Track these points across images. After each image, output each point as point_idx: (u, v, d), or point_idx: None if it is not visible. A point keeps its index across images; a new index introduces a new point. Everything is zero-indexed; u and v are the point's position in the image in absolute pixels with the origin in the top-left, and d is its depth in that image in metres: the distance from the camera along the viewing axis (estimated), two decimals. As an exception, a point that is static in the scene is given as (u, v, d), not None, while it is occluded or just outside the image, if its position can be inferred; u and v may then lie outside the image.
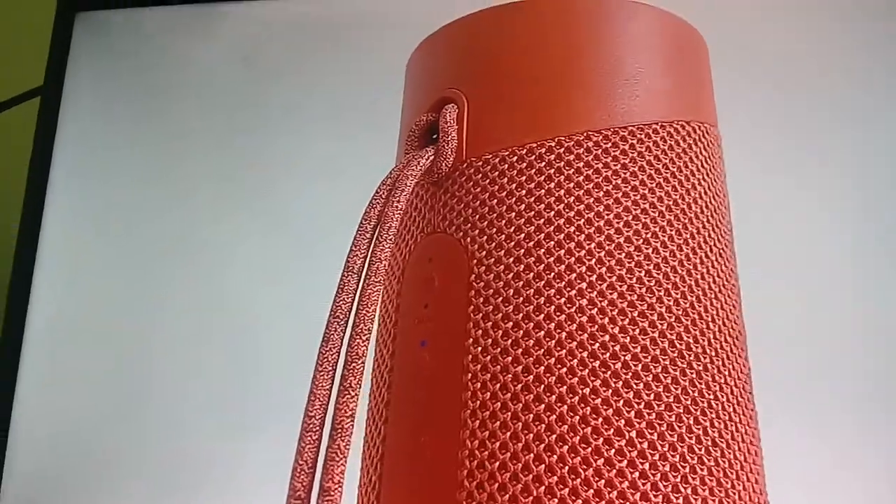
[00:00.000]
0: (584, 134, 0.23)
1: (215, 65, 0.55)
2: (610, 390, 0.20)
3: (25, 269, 0.48)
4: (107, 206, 0.54)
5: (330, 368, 0.19)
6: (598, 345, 0.21)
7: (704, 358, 0.22)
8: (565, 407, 0.20)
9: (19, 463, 0.44)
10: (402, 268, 0.25)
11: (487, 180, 0.24)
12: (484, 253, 0.23)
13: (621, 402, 0.20)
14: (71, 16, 0.55)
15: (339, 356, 0.19)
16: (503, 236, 0.23)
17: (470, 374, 0.21)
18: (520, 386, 0.21)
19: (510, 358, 0.21)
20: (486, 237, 0.23)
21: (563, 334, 0.21)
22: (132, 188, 0.54)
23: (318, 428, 0.18)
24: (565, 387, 0.20)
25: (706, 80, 0.28)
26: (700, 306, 0.22)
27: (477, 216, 0.23)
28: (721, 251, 0.25)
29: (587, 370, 0.21)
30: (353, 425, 0.18)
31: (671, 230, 0.23)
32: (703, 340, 0.22)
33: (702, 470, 0.20)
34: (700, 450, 0.20)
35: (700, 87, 0.27)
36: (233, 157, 0.54)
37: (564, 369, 0.21)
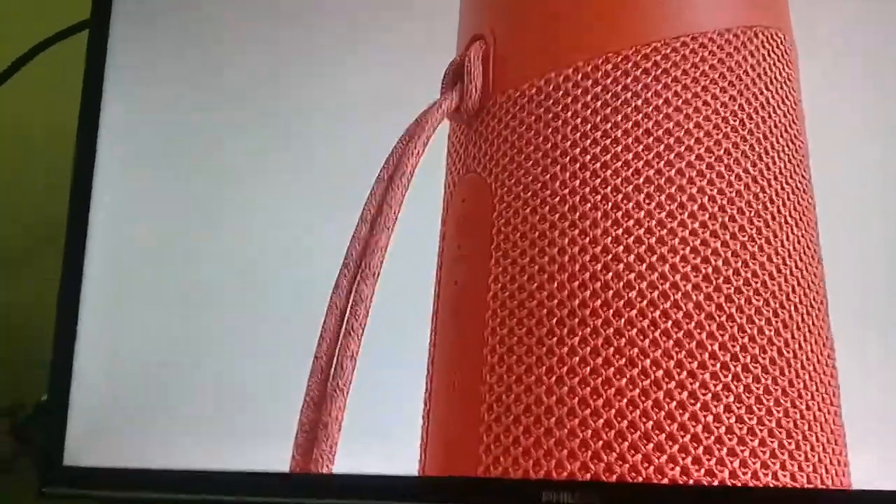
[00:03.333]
0: (603, 57, 0.22)
1: None
2: (609, 313, 0.20)
3: (82, 205, 0.50)
4: (162, 138, 0.54)
5: (338, 312, 0.20)
6: (610, 275, 0.20)
7: (767, 290, 0.20)
8: (577, 339, 0.20)
9: (83, 410, 0.46)
10: (446, 210, 0.26)
11: (510, 116, 0.24)
12: (505, 190, 0.23)
13: (634, 332, 0.20)
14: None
15: (347, 301, 0.20)
16: (522, 172, 0.23)
17: (490, 311, 0.22)
18: (534, 320, 0.21)
19: (525, 293, 0.21)
20: (507, 174, 0.23)
21: (577, 266, 0.21)
22: (188, 119, 0.54)
23: (325, 367, 0.19)
24: (577, 319, 0.20)
25: None
26: (774, 227, 0.21)
27: (500, 153, 0.23)
28: (794, 170, 0.23)
29: (599, 301, 0.20)
30: (353, 365, 0.19)
31: (707, 153, 0.22)
32: (771, 266, 0.21)
33: (780, 407, 0.19)
34: (782, 382, 0.20)
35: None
36: (282, 86, 0.53)
37: (577, 301, 0.20)
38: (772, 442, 0.19)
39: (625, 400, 0.19)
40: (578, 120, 0.22)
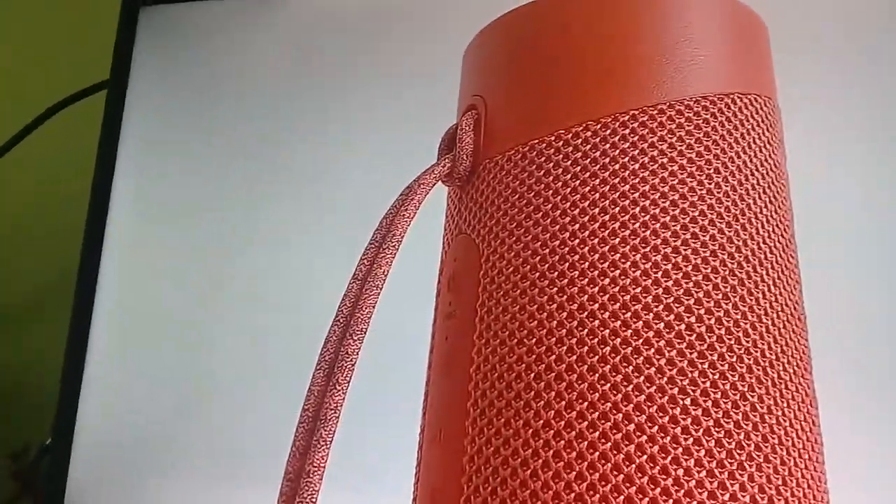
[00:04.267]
0: (584, 125, 0.24)
1: (276, 55, 0.56)
2: (584, 369, 0.21)
3: (92, 260, 0.51)
4: (172, 197, 0.56)
5: (326, 367, 0.21)
6: (585, 331, 0.21)
7: (756, 349, 0.21)
8: (552, 393, 0.21)
9: (84, 455, 0.47)
10: (441, 269, 0.27)
11: (497, 181, 0.25)
12: (491, 250, 0.24)
13: (608, 387, 0.21)
14: (135, 10, 0.58)
15: (336, 356, 0.21)
16: (506, 233, 0.24)
17: (474, 366, 0.23)
18: (513, 375, 0.22)
19: (507, 348, 0.22)
20: (493, 235, 0.24)
21: (554, 322, 0.22)
22: (196, 179, 0.56)
23: (311, 420, 0.20)
24: (552, 374, 0.21)
25: (768, 62, 0.27)
26: (755, 287, 0.22)
27: (487, 216, 0.25)
28: (773, 229, 0.24)
29: (575, 356, 0.21)
30: (336, 417, 0.20)
31: (682, 215, 0.23)
32: (754, 325, 0.21)
33: (753, 461, 0.20)
34: (755, 437, 0.20)
35: (756, 63, 0.27)
36: (294, 147, 0.55)
37: (553, 356, 0.21)
38: (743, 496, 0.20)
39: (597, 453, 0.20)
40: (559, 184, 0.23)
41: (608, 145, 0.23)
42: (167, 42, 0.59)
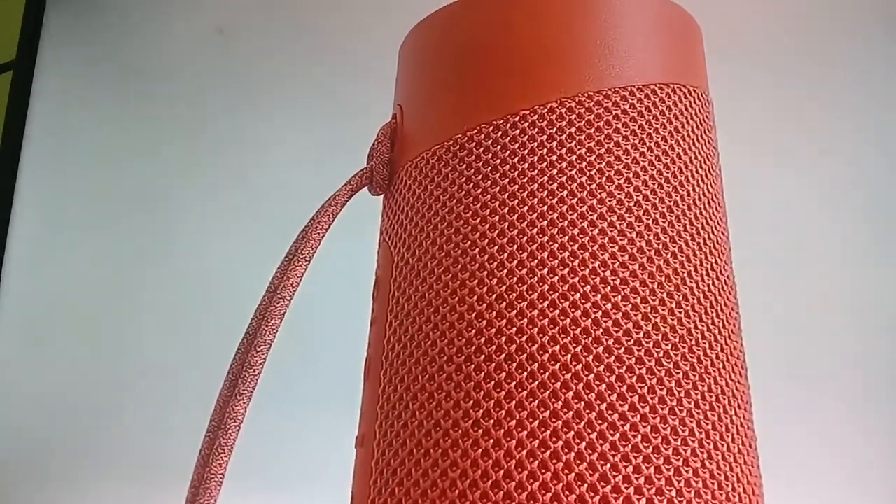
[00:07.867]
0: (477, 128, 0.24)
1: (191, 37, 0.53)
2: (483, 375, 0.21)
3: None
4: (80, 184, 0.53)
5: (232, 377, 0.22)
6: (483, 340, 0.22)
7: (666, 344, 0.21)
8: (443, 394, 0.22)
9: None
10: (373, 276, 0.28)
11: (406, 187, 0.26)
12: (399, 256, 0.25)
13: (490, 385, 0.21)
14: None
15: (241, 367, 0.23)
16: (412, 239, 0.24)
17: (382, 370, 0.24)
18: (410, 378, 0.22)
19: (407, 352, 0.23)
20: (402, 241, 0.25)
21: (446, 326, 0.22)
22: (106, 165, 0.53)
23: (215, 429, 0.22)
24: (444, 375, 0.22)
25: (699, 58, 0.27)
26: (682, 283, 0.22)
27: (398, 222, 0.25)
28: (707, 221, 0.24)
29: (473, 365, 0.22)
30: (237, 427, 0.21)
31: (570, 212, 0.23)
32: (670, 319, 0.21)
33: (690, 467, 0.20)
34: (691, 443, 0.21)
35: (689, 60, 0.27)
36: (209, 132, 0.52)
37: (444, 359, 0.22)
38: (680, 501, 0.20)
39: (479, 450, 0.20)
40: (455, 188, 0.24)
41: (499, 147, 0.24)
42: (78, 24, 0.56)
